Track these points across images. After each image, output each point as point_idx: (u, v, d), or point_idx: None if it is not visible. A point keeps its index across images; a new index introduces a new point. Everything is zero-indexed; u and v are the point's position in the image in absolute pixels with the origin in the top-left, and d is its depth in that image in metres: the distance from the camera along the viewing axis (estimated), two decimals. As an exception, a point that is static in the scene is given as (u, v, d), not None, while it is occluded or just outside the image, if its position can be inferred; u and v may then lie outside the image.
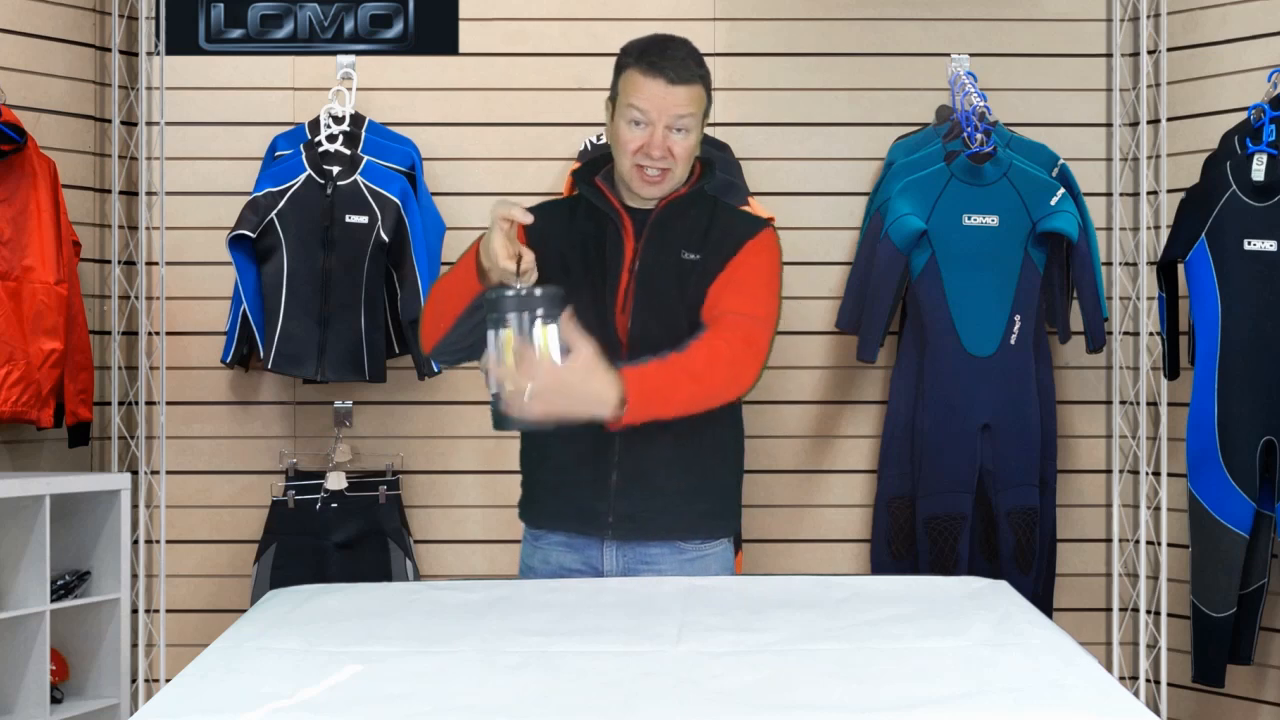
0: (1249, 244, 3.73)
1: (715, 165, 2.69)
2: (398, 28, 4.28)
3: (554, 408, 2.25)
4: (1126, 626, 4.23)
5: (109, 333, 4.26)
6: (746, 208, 3.85)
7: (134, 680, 4.14)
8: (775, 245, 2.60)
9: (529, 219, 2.37)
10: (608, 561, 2.58)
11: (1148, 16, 4.18)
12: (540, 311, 2.26)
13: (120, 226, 4.26)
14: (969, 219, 3.92)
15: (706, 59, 2.57)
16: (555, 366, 2.23)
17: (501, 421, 2.29)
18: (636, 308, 2.53)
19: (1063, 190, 3.92)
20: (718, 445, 2.61)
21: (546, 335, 2.26)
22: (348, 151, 4.05)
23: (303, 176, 4.03)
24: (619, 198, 2.60)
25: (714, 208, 2.64)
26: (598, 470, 2.53)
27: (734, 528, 2.69)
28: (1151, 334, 4.14)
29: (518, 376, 2.21)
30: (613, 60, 2.58)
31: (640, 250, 2.55)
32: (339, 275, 4.00)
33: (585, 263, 2.56)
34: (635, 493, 2.53)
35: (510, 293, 2.27)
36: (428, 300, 2.63)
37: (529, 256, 2.39)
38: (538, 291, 2.27)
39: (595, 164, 2.66)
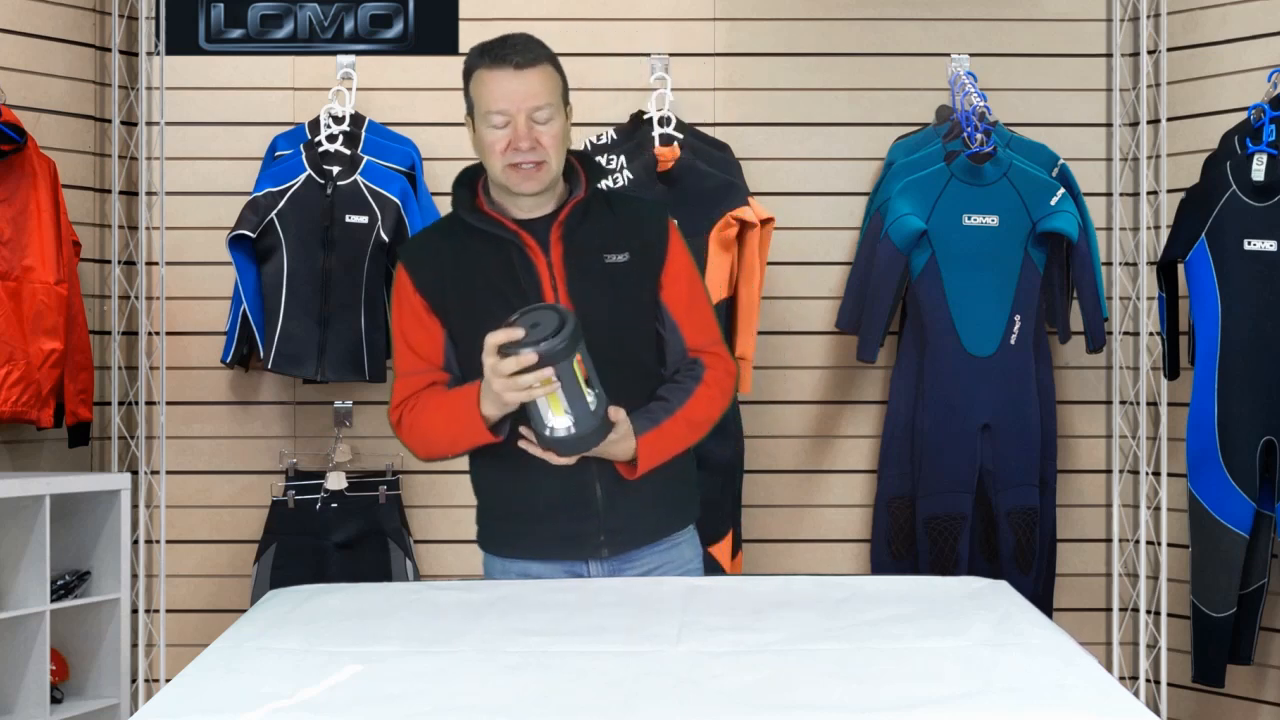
0: (1249, 244, 3.73)
1: (593, 157, 2.67)
2: (398, 28, 4.28)
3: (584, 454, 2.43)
4: (1126, 626, 4.22)
5: (109, 333, 4.26)
6: (746, 207, 3.85)
7: (134, 680, 4.14)
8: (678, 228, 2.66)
9: (519, 333, 2.30)
10: (594, 570, 2.58)
11: (1148, 16, 4.18)
12: (567, 349, 2.29)
13: (120, 226, 4.26)
14: (969, 219, 3.92)
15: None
16: (602, 442, 2.40)
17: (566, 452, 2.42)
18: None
19: (1063, 190, 3.92)
20: None
21: (583, 366, 2.34)
22: (348, 151, 4.05)
23: (303, 176, 4.03)
24: (508, 215, 2.52)
25: (608, 201, 2.61)
26: (581, 493, 2.52)
27: (697, 512, 2.71)
28: (1151, 334, 4.14)
29: (558, 415, 2.35)
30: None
31: (559, 263, 2.50)
32: (339, 275, 4.00)
33: (492, 289, 2.48)
34: (620, 505, 2.53)
35: (545, 345, 2.28)
36: (418, 427, 2.53)
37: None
38: (558, 338, 2.29)
39: (471, 188, 2.57)
